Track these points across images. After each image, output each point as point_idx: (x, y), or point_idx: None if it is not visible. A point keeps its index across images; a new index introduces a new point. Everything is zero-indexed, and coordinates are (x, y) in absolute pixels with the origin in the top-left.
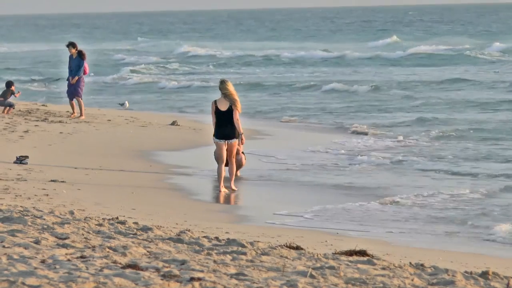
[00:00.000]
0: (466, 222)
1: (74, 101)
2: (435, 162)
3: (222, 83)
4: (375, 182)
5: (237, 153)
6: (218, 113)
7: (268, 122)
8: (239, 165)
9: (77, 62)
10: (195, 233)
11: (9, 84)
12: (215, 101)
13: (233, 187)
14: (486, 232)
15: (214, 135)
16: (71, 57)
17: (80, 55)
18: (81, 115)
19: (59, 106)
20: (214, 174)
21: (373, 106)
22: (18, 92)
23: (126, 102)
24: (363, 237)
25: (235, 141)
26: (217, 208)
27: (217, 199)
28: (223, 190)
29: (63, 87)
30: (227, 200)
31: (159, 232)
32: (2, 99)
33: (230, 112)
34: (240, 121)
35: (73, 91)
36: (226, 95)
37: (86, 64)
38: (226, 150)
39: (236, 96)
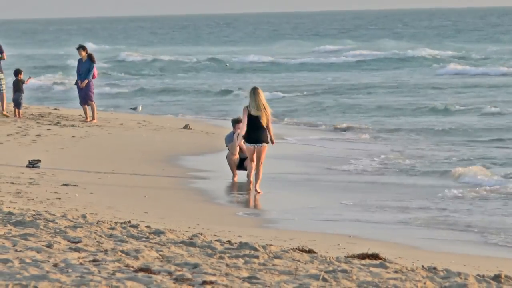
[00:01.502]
0: (477, 225)
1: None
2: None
3: (252, 93)
4: (377, 183)
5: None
6: (250, 118)
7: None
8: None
9: (87, 65)
10: (207, 237)
11: (16, 72)
12: (247, 106)
13: (258, 189)
14: (499, 235)
15: (244, 140)
16: (80, 60)
17: (90, 58)
18: (93, 118)
19: (72, 110)
20: (227, 178)
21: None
22: (29, 77)
23: (140, 106)
24: (376, 240)
25: (264, 146)
26: (229, 211)
27: (231, 202)
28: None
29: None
30: (240, 204)
31: (172, 235)
32: (18, 93)
33: (262, 116)
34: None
35: (85, 96)
36: (256, 105)
37: (95, 68)
38: (256, 153)
39: (265, 105)
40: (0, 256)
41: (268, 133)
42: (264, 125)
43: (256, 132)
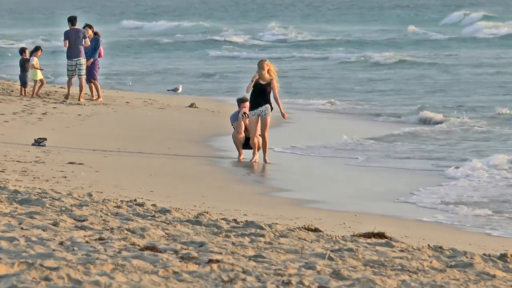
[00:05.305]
0: (484, 204)
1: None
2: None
3: (259, 65)
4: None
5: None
6: (257, 85)
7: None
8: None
9: (93, 44)
10: (213, 215)
11: (21, 51)
12: (258, 74)
13: (267, 160)
14: (505, 214)
15: (249, 107)
16: None
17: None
18: (98, 97)
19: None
20: (233, 157)
21: None
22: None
23: (180, 86)
24: (382, 219)
25: (268, 115)
26: (235, 190)
27: (236, 181)
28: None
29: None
30: (245, 182)
31: (177, 214)
32: (23, 72)
33: (269, 86)
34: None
35: (89, 74)
36: (264, 77)
37: (101, 47)
38: (260, 123)
39: (274, 76)
40: (6, 234)
41: (276, 102)
42: (271, 93)
43: (260, 96)
